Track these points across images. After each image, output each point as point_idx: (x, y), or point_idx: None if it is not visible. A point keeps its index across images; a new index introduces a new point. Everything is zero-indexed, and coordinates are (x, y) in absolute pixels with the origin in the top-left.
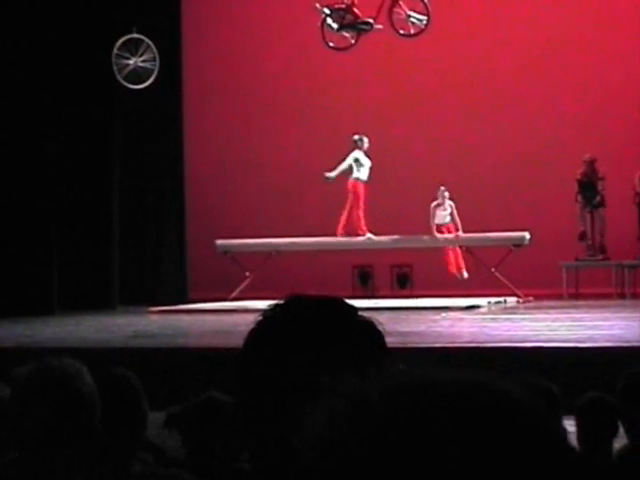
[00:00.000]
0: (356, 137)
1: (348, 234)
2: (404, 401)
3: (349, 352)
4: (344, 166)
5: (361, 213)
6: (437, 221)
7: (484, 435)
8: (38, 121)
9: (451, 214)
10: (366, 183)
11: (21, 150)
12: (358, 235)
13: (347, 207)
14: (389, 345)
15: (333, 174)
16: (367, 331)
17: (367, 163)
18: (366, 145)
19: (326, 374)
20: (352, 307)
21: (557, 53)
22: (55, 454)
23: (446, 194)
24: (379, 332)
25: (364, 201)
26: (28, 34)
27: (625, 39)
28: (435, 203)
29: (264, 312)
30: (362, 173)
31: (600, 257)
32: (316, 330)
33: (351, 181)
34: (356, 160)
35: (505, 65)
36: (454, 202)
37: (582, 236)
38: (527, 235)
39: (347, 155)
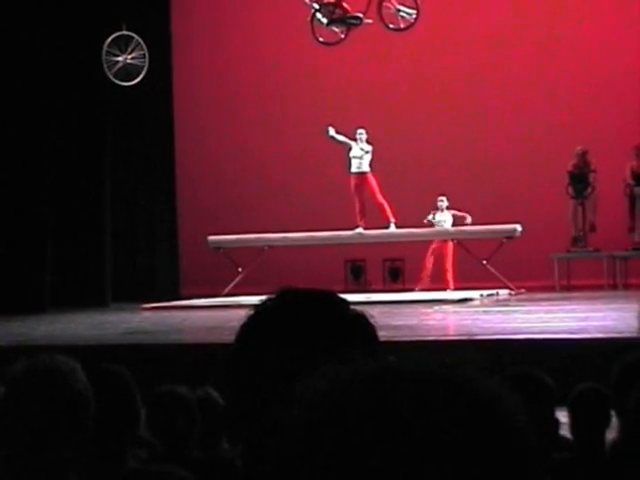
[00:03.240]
0: (359, 131)
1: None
2: (374, 389)
3: (341, 346)
4: (342, 139)
5: (356, 207)
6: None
7: (443, 422)
8: (29, 119)
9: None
10: (363, 174)
11: (12, 149)
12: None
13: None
14: (381, 339)
15: (333, 132)
16: (359, 324)
17: (366, 156)
18: (358, 136)
19: (318, 368)
20: (344, 301)
21: (549, 46)
22: (48, 452)
23: (445, 204)
24: (371, 325)
25: (379, 190)
26: (17, 32)
27: (618, 32)
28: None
29: (256, 306)
30: (354, 167)
31: (591, 249)
32: (308, 324)
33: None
34: (350, 149)
35: (496, 58)
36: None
37: (575, 241)
38: (519, 227)
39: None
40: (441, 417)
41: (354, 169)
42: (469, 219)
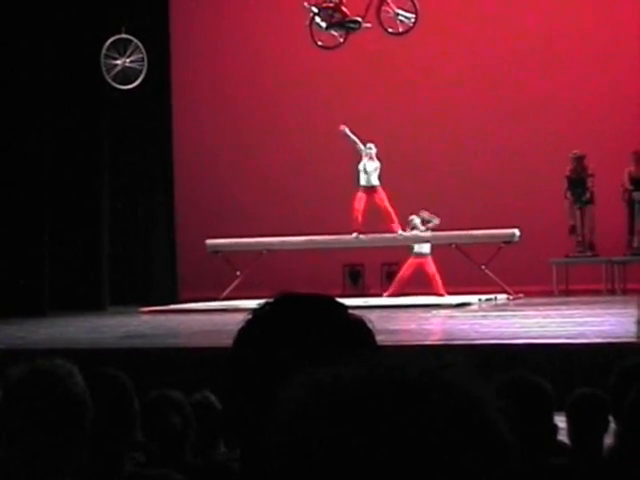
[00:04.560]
0: (368, 145)
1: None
2: (350, 393)
3: (339, 350)
4: (353, 138)
5: (357, 219)
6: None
7: (418, 420)
8: (27, 121)
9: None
10: (369, 187)
11: (11, 150)
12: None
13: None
14: (379, 343)
15: (348, 131)
16: (357, 329)
17: (372, 170)
18: (367, 151)
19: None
20: (342, 305)
21: (548, 51)
22: (46, 455)
23: (417, 221)
24: (369, 330)
25: (388, 201)
26: (17, 34)
27: (617, 36)
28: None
29: (254, 310)
30: (363, 179)
31: (590, 254)
32: (306, 328)
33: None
34: (362, 168)
35: (495, 63)
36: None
37: (572, 230)
38: (517, 232)
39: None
40: (423, 421)
41: (363, 182)
42: (436, 221)
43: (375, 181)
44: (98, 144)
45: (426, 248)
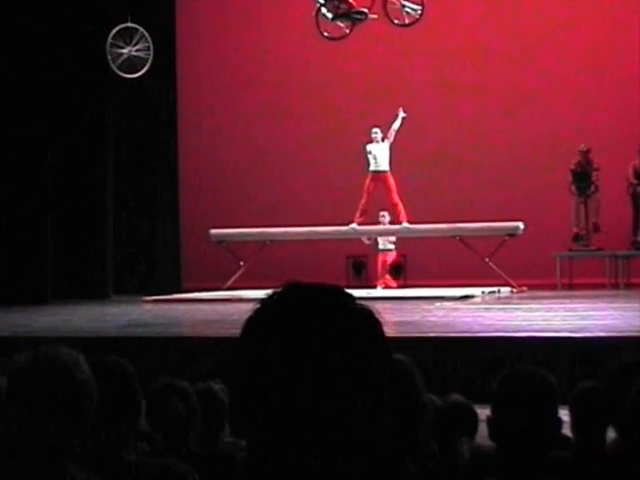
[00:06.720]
0: (373, 130)
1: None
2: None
3: (347, 340)
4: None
5: (360, 204)
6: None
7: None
8: (32, 111)
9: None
10: (381, 172)
11: (15, 140)
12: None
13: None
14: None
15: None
16: (365, 319)
17: (379, 154)
18: (374, 135)
19: (324, 362)
20: (350, 295)
21: (553, 43)
22: (51, 442)
23: (386, 219)
24: (377, 320)
25: (397, 190)
26: (22, 23)
27: (621, 30)
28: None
29: (262, 300)
30: (371, 165)
31: (594, 247)
32: (314, 317)
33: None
34: (369, 152)
35: (500, 56)
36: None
37: (576, 238)
38: (521, 225)
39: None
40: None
41: (372, 167)
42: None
43: (384, 166)
44: (103, 133)
45: (391, 245)
